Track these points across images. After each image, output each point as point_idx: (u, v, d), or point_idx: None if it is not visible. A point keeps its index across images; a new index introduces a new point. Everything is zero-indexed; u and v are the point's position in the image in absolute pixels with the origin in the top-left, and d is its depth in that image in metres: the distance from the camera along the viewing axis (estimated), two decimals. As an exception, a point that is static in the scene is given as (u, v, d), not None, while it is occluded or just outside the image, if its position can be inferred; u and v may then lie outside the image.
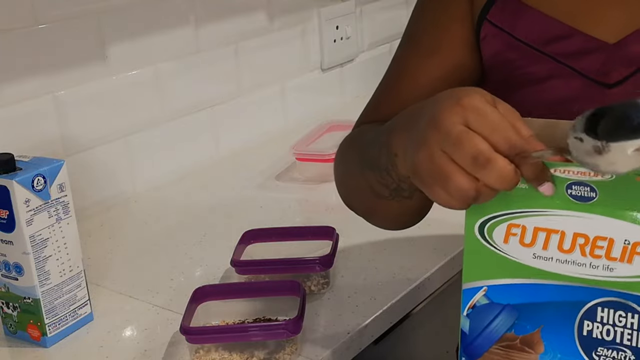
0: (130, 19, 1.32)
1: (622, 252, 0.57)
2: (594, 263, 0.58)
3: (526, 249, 0.60)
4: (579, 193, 0.58)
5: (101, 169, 1.31)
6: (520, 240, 0.60)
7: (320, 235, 1.08)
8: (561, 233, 0.59)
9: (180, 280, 1.08)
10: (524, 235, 0.60)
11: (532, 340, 0.62)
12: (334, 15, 1.70)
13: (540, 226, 0.60)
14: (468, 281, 0.63)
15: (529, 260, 0.60)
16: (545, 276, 0.60)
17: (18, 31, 1.17)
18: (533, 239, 0.60)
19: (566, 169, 0.58)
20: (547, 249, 0.60)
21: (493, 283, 0.62)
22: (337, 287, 1.02)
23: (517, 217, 0.60)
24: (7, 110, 1.17)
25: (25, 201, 0.89)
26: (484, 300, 0.63)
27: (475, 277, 0.63)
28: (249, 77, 1.55)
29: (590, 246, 0.58)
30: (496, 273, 0.62)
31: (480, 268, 0.63)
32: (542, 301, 0.61)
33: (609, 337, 0.59)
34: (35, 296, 0.92)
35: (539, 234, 0.60)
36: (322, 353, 0.89)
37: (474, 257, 0.63)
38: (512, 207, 0.60)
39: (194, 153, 1.46)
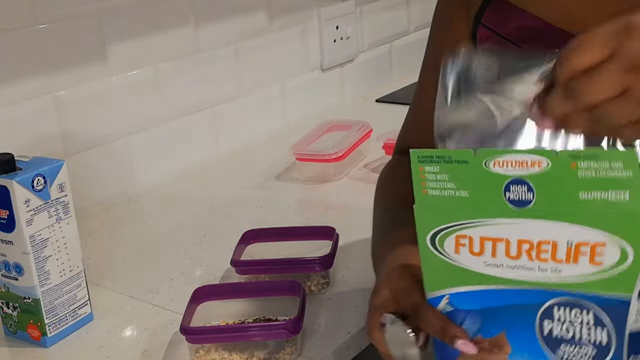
0: (130, 19, 1.32)
1: (567, 254, 0.58)
2: (542, 266, 0.59)
3: (477, 257, 0.61)
4: (517, 196, 0.58)
5: (101, 169, 1.31)
6: (469, 250, 0.62)
7: (320, 235, 1.08)
8: (506, 241, 0.60)
9: (180, 280, 1.08)
10: (472, 246, 0.61)
11: (499, 342, 0.63)
12: (334, 15, 1.71)
13: (485, 236, 0.61)
14: (430, 291, 0.65)
15: (482, 268, 0.62)
16: (499, 282, 0.61)
17: (18, 31, 1.17)
18: (481, 249, 0.61)
19: (504, 159, 0.58)
20: (496, 257, 0.61)
21: (453, 291, 0.64)
22: (337, 287, 1.02)
23: (463, 229, 0.61)
24: (7, 110, 1.17)
25: (25, 201, 0.89)
26: (448, 308, 0.64)
27: (436, 286, 0.65)
28: (249, 77, 1.55)
29: (535, 251, 0.59)
30: (454, 282, 0.63)
31: (438, 278, 0.64)
32: (501, 305, 0.62)
33: (570, 334, 0.60)
34: (35, 296, 0.92)
35: (486, 243, 0.61)
36: (322, 353, 0.89)
37: (431, 268, 0.64)
38: (456, 219, 0.61)
39: (194, 153, 1.46)
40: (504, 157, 0.58)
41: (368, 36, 1.82)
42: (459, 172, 0.60)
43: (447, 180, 0.61)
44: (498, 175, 0.58)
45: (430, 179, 0.62)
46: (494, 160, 0.58)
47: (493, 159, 0.58)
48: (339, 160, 1.36)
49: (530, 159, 0.57)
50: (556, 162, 0.56)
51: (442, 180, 0.61)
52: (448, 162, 0.60)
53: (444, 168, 0.61)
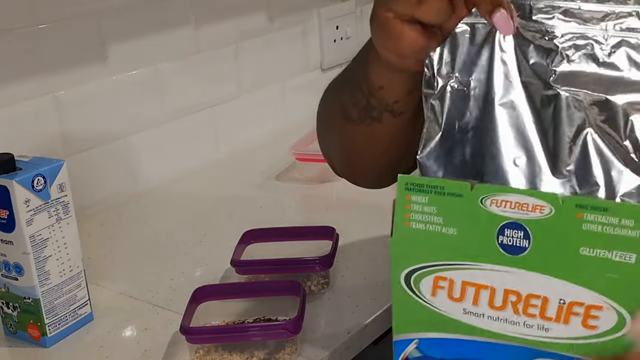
0: (130, 19, 1.32)
1: (558, 312, 0.53)
2: (528, 322, 0.54)
3: (455, 303, 0.56)
4: (511, 242, 0.53)
5: (101, 169, 1.31)
6: (448, 294, 0.56)
7: (320, 235, 1.08)
8: (491, 289, 0.54)
9: (180, 280, 1.08)
10: (452, 289, 0.56)
11: None
12: (334, 15, 1.70)
13: (468, 280, 0.55)
14: (398, 333, 0.59)
15: (459, 315, 0.56)
16: (477, 333, 0.56)
17: (18, 31, 1.17)
18: (462, 294, 0.56)
19: (504, 199, 0.53)
20: (478, 305, 0.55)
21: (424, 336, 0.58)
22: (337, 287, 1.02)
23: (444, 270, 0.56)
24: (7, 110, 1.17)
25: (25, 201, 0.89)
26: (416, 353, 0.59)
27: (405, 329, 0.59)
28: (249, 77, 1.55)
29: (523, 304, 0.54)
30: (426, 326, 0.58)
31: (409, 320, 0.59)
32: (476, 358, 0.57)
33: None
34: (35, 296, 0.92)
35: (468, 289, 0.55)
36: (322, 353, 0.89)
37: (403, 309, 0.58)
38: (439, 259, 0.56)
39: (194, 153, 1.46)
40: (504, 196, 0.53)
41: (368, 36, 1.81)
42: (450, 206, 0.55)
43: (435, 213, 0.55)
44: (493, 216, 0.53)
45: (415, 210, 0.56)
46: (491, 199, 0.53)
47: (491, 197, 0.53)
48: (339, 160, 1.36)
49: (532, 202, 0.52)
50: (560, 209, 0.51)
51: (429, 214, 0.56)
52: (440, 194, 0.55)
53: (433, 199, 0.55)
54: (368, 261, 1.09)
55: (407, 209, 0.56)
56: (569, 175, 0.57)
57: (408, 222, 0.56)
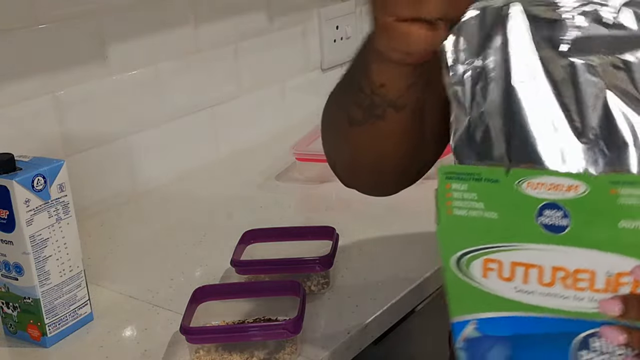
0: (130, 19, 1.32)
1: (606, 284, 0.55)
2: (578, 295, 0.56)
3: (507, 283, 0.58)
4: (551, 221, 0.55)
5: (101, 169, 1.31)
6: (499, 275, 0.58)
7: (320, 235, 1.08)
8: (539, 267, 0.56)
9: (180, 280, 1.08)
10: (501, 270, 0.58)
11: None
12: (334, 15, 1.70)
13: (516, 261, 0.57)
14: (455, 315, 0.61)
15: (512, 294, 0.58)
16: (531, 309, 0.58)
17: (18, 31, 1.17)
18: (512, 274, 0.57)
19: (538, 181, 0.55)
20: (528, 283, 0.57)
21: (481, 316, 0.60)
22: (337, 287, 1.02)
23: (491, 252, 0.58)
24: (7, 110, 1.17)
25: (25, 201, 0.89)
26: (475, 334, 0.60)
27: (462, 311, 0.61)
28: (249, 77, 1.55)
29: (571, 279, 0.55)
30: (482, 307, 0.60)
31: (465, 302, 0.60)
32: (533, 332, 0.58)
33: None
34: (35, 296, 0.92)
35: (517, 269, 0.57)
36: (322, 353, 0.89)
37: (457, 292, 0.60)
38: (485, 242, 0.58)
39: (194, 153, 1.46)
40: (538, 178, 0.55)
41: (368, 36, 1.81)
42: (489, 192, 0.57)
43: (475, 199, 0.57)
44: (531, 198, 0.55)
45: (456, 197, 0.58)
46: (527, 182, 0.55)
47: (526, 180, 0.55)
48: (339, 160, 1.35)
49: (566, 183, 0.54)
50: (595, 187, 0.53)
51: (470, 200, 0.57)
52: (477, 180, 0.57)
53: (472, 186, 0.57)
54: (368, 261, 1.09)
55: (448, 197, 0.58)
56: (596, 139, 0.57)
57: (451, 209, 0.58)
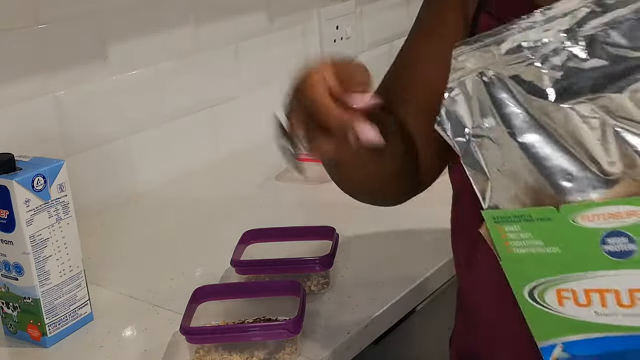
0: (130, 19, 1.32)
1: None
2: None
3: (585, 309, 0.58)
4: (617, 248, 0.54)
5: (101, 169, 1.31)
6: (575, 303, 0.58)
7: (320, 235, 1.08)
8: (615, 292, 0.56)
9: (180, 280, 1.08)
10: (576, 298, 0.57)
11: None
12: (334, 15, 1.70)
13: (589, 288, 0.57)
14: (541, 339, 0.61)
15: (593, 318, 0.58)
16: (615, 329, 0.57)
17: (18, 31, 1.17)
18: (587, 300, 0.57)
19: (593, 213, 0.54)
20: (607, 307, 0.57)
21: (566, 340, 0.60)
22: (337, 287, 1.02)
23: (563, 282, 0.57)
24: (7, 110, 1.17)
25: (25, 201, 0.89)
26: (564, 355, 0.60)
27: (546, 335, 0.61)
28: (249, 77, 1.55)
29: None
30: (565, 331, 0.59)
31: (547, 328, 0.60)
32: (622, 349, 0.58)
33: None
34: (35, 296, 0.92)
35: (592, 295, 0.57)
36: (322, 353, 0.89)
37: (537, 320, 0.60)
38: (553, 274, 0.58)
39: (194, 153, 1.46)
40: (592, 211, 0.54)
41: (368, 36, 1.81)
42: (544, 230, 0.56)
43: (532, 238, 0.57)
44: (590, 230, 0.55)
45: (513, 238, 0.58)
46: (581, 215, 0.55)
47: (580, 214, 0.55)
48: (339, 160, 1.35)
49: (624, 210, 0.53)
50: None
51: (527, 239, 0.57)
52: (528, 221, 0.56)
53: (525, 227, 0.57)
54: (368, 261, 1.09)
55: (504, 238, 0.58)
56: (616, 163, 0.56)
57: (510, 249, 0.58)
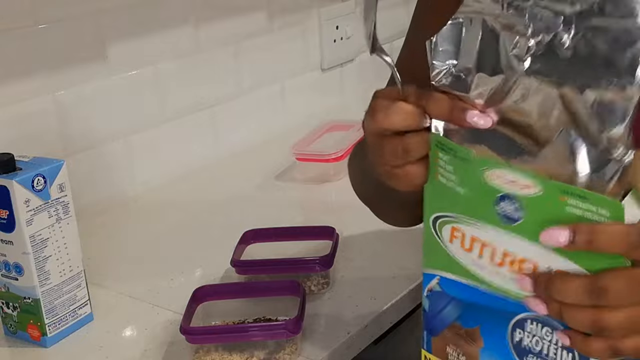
0: (130, 19, 1.32)
1: None
2: None
3: (466, 253, 0.62)
4: (506, 212, 0.58)
5: (101, 169, 1.31)
6: (461, 244, 0.63)
7: (320, 235, 1.08)
8: (492, 247, 0.60)
9: (180, 280, 1.08)
10: (463, 241, 0.62)
11: (473, 335, 0.64)
12: (334, 15, 1.71)
13: (475, 236, 0.61)
14: (426, 267, 0.67)
15: (469, 264, 0.62)
16: (481, 282, 0.62)
17: (18, 31, 1.17)
18: (470, 246, 0.62)
19: (498, 173, 0.58)
20: (482, 258, 0.61)
21: (443, 275, 0.65)
22: (337, 287, 1.02)
23: (458, 222, 0.62)
24: (7, 110, 1.17)
25: (25, 201, 0.89)
26: (437, 288, 0.66)
27: (431, 265, 0.66)
28: (249, 77, 1.55)
29: (517, 265, 0.59)
30: (445, 267, 0.65)
31: (434, 258, 0.66)
32: (480, 303, 0.63)
33: (538, 347, 0.60)
34: (35, 296, 0.92)
35: (475, 243, 0.61)
36: (322, 353, 0.89)
37: (430, 247, 0.65)
38: (455, 210, 0.62)
39: (194, 153, 1.46)
40: (499, 171, 0.58)
41: (368, 36, 1.81)
42: (462, 169, 0.61)
43: (452, 172, 0.61)
44: (491, 186, 0.59)
45: (441, 166, 0.62)
46: (490, 172, 0.59)
47: (488, 169, 0.59)
48: (339, 160, 1.36)
49: (522, 182, 0.57)
50: (547, 191, 0.56)
51: (449, 172, 0.62)
52: (454, 157, 0.61)
53: (451, 160, 0.61)
54: (368, 261, 1.09)
55: (437, 162, 0.63)
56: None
57: (437, 174, 0.63)
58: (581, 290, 0.55)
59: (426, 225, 0.65)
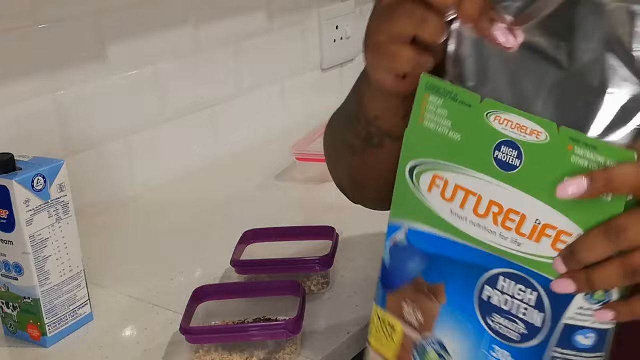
0: (130, 19, 1.32)
1: (532, 231, 0.56)
2: (504, 234, 0.58)
3: (445, 203, 0.61)
4: (504, 158, 0.57)
5: (101, 169, 1.31)
6: (441, 194, 0.61)
7: (320, 235, 1.08)
8: (478, 197, 0.59)
9: (180, 280, 1.08)
10: (445, 190, 0.61)
11: (436, 290, 0.63)
12: (334, 15, 1.70)
13: (460, 185, 0.59)
14: (394, 217, 0.65)
15: (446, 215, 0.61)
16: (457, 234, 0.60)
17: (18, 31, 1.17)
18: (453, 196, 0.60)
19: (506, 117, 0.57)
20: (464, 209, 0.60)
21: (413, 226, 0.63)
22: (337, 287, 1.02)
23: (443, 170, 0.60)
24: (7, 110, 1.17)
25: (25, 201, 0.89)
26: (403, 241, 0.64)
27: (400, 215, 0.65)
28: (249, 77, 1.55)
29: (503, 217, 0.57)
30: (417, 217, 0.63)
31: (405, 208, 0.64)
32: (450, 256, 0.61)
33: (506, 306, 0.59)
34: (35, 296, 0.92)
35: (459, 192, 0.60)
36: (322, 353, 0.89)
37: (402, 197, 0.64)
38: (441, 158, 0.60)
39: (194, 153, 1.46)
40: (508, 115, 0.57)
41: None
42: (460, 114, 0.59)
43: (446, 117, 0.60)
44: (494, 131, 0.57)
45: (430, 110, 0.60)
46: (496, 115, 0.57)
47: (495, 113, 0.57)
48: (339, 160, 1.36)
49: (531, 127, 0.55)
50: (555, 138, 0.54)
51: (441, 116, 0.60)
52: (453, 100, 0.59)
53: (447, 104, 0.60)
54: (368, 261, 1.09)
55: (423, 106, 0.61)
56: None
57: (422, 119, 0.61)
58: (602, 237, 0.53)
59: (401, 173, 0.63)
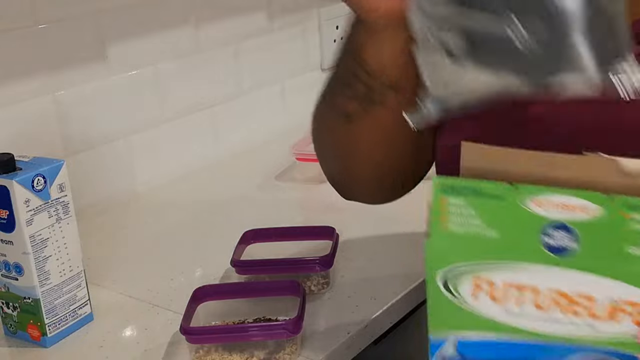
0: (130, 19, 1.32)
1: (608, 311, 0.52)
2: (575, 321, 0.53)
3: (498, 305, 0.55)
4: (556, 243, 0.52)
5: (101, 169, 1.31)
6: (490, 296, 0.55)
7: (320, 235, 1.08)
8: (534, 289, 0.53)
9: (180, 280, 1.08)
10: (493, 291, 0.54)
11: None
12: (334, 15, 1.70)
13: (509, 281, 0.54)
14: (434, 331, 0.57)
15: (502, 316, 0.55)
16: (520, 333, 0.55)
17: (18, 31, 1.17)
18: (504, 295, 0.54)
19: (546, 199, 0.52)
20: (521, 306, 0.54)
21: (463, 336, 0.56)
22: (337, 287, 1.02)
23: (483, 271, 0.54)
24: (7, 110, 1.17)
25: (25, 201, 0.89)
26: (454, 355, 0.57)
27: (442, 327, 0.57)
28: (249, 77, 1.55)
29: (569, 303, 0.52)
30: (465, 326, 0.56)
31: (446, 319, 0.57)
32: (516, 358, 0.55)
33: None
34: (35, 296, 0.92)
35: (510, 290, 0.54)
36: (322, 353, 0.89)
37: (439, 308, 0.56)
38: (478, 259, 0.54)
39: (194, 153, 1.46)
40: (546, 196, 0.51)
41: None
42: (490, 208, 0.53)
43: (474, 215, 0.54)
44: (537, 217, 0.52)
45: (453, 212, 0.54)
46: (534, 199, 0.52)
47: (533, 197, 0.52)
48: (339, 160, 1.36)
49: (578, 203, 0.51)
50: (607, 209, 0.50)
51: (468, 216, 0.54)
52: (478, 196, 0.53)
53: (471, 202, 0.54)
54: (368, 261, 1.09)
55: (444, 211, 0.55)
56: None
57: (447, 223, 0.55)
58: None
59: (432, 286, 0.56)
